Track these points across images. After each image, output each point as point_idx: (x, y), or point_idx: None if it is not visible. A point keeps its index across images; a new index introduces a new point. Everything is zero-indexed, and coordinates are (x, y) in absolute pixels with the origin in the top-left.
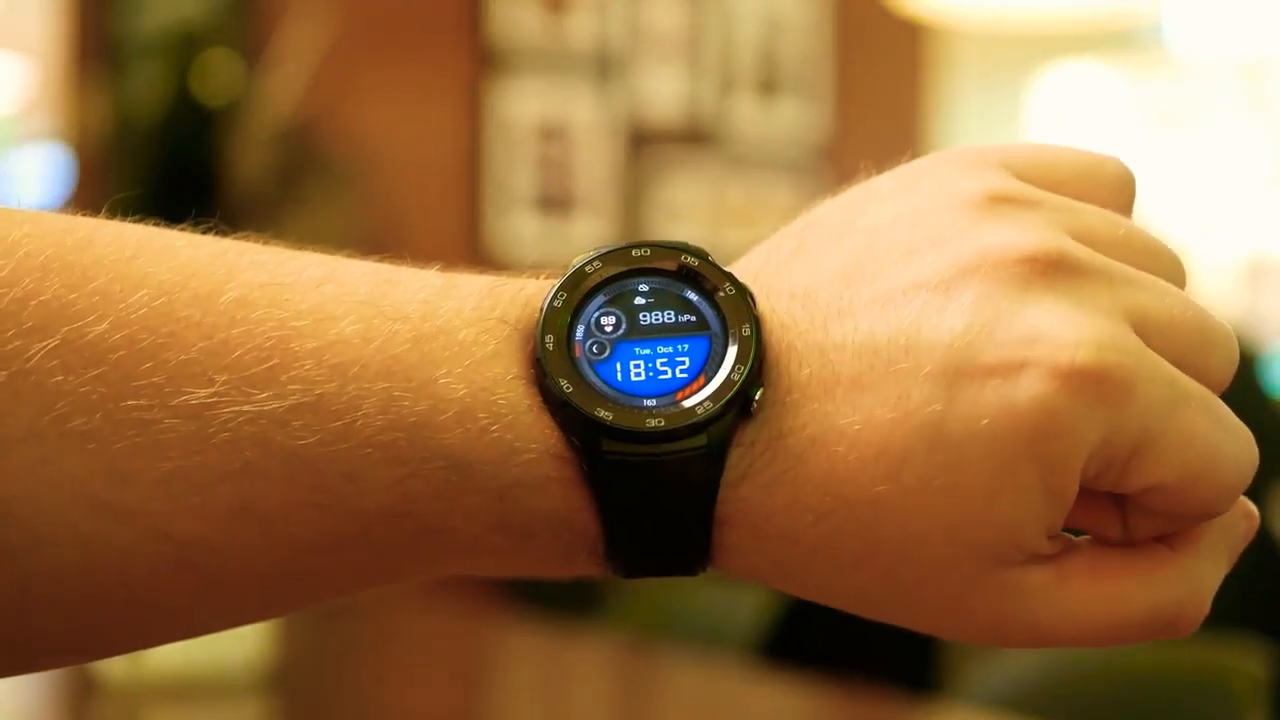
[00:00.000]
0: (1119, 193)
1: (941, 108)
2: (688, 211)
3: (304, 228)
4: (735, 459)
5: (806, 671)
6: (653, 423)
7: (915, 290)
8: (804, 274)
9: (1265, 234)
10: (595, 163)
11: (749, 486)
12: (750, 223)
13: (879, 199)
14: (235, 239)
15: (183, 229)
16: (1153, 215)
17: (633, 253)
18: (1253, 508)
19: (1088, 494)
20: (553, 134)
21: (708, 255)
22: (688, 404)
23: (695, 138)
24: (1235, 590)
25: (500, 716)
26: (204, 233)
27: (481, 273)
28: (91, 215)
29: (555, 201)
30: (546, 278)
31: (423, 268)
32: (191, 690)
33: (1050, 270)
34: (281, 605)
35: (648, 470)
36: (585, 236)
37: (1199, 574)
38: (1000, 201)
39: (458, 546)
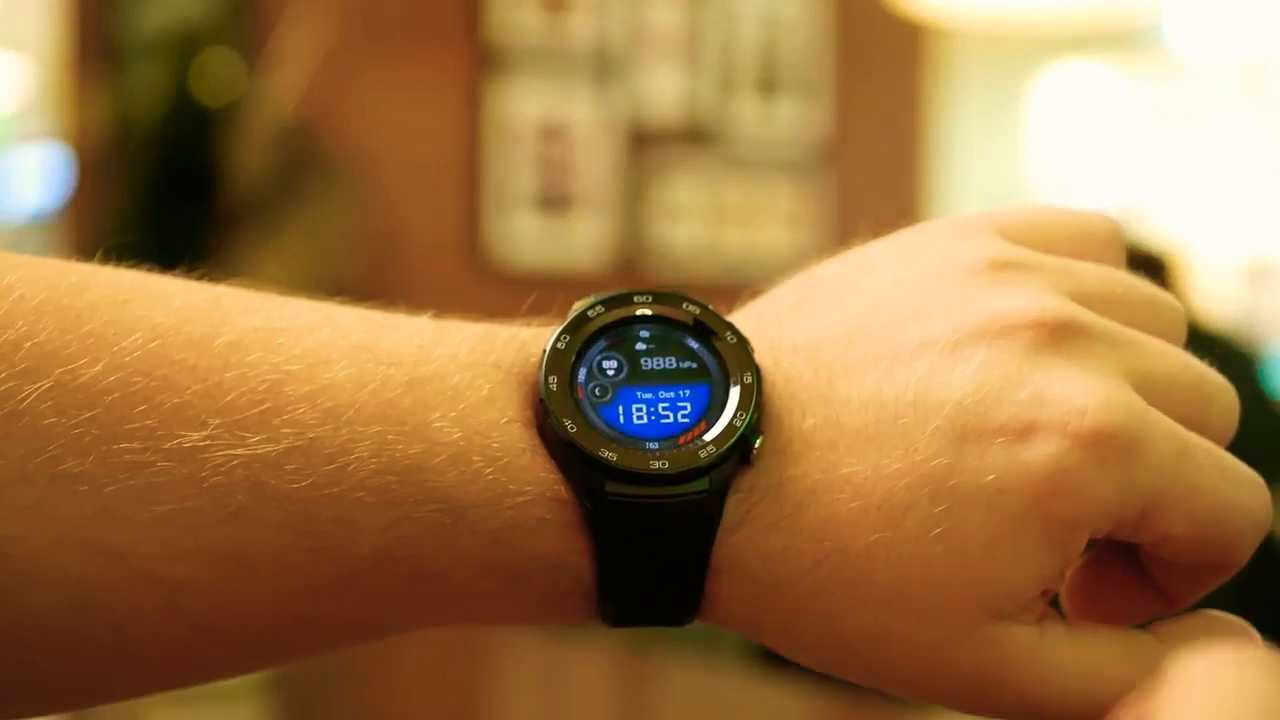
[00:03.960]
0: (1109, 246)
1: (942, 108)
2: (688, 211)
3: (304, 227)
4: (733, 505)
5: (806, 673)
6: (656, 465)
7: (923, 350)
8: (805, 330)
9: (1265, 234)
10: (595, 163)
11: (745, 532)
12: (750, 223)
13: (879, 263)
14: (229, 285)
15: (177, 275)
16: (1154, 215)
17: (634, 299)
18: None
19: (1113, 566)
20: (553, 134)
21: (708, 305)
22: (691, 448)
23: (695, 138)
24: (1235, 591)
25: (500, 717)
26: (198, 279)
27: (479, 311)
28: (85, 259)
29: (555, 201)
30: (541, 325)
31: (416, 314)
32: (190, 691)
33: (1056, 335)
34: (274, 655)
35: (650, 513)
36: (585, 236)
37: None
38: (1002, 267)
39: (450, 592)
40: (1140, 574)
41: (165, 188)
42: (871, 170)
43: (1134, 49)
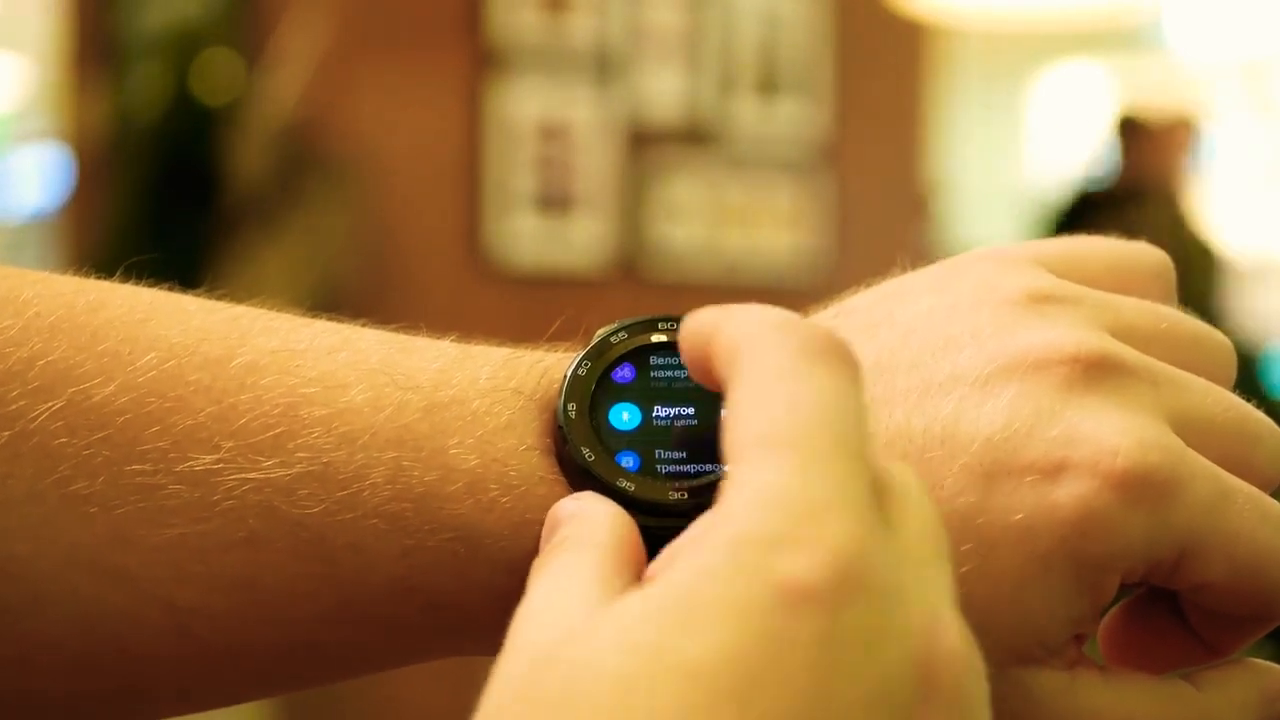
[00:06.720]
0: (1156, 280)
1: (942, 108)
2: (688, 211)
3: (304, 227)
4: None
5: None
6: (675, 495)
7: (953, 384)
8: None
9: (1265, 234)
10: (595, 163)
11: None
12: (750, 223)
13: (914, 293)
14: (249, 305)
15: (197, 294)
16: None
17: (658, 325)
18: None
19: (1154, 613)
20: (553, 134)
21: None
22: (711, 478)
23: (695, 138)
24: None
25: None
26: (218, 298)
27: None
28: (105, 279)
29: (555, 201)
30: (565, 351)
31: (438, 338)
32: None
33: (1092, 371)
34: (287, 682)
35: (669, 544)
36: (585, 236)
37: (1218, 718)
38: (1040, 300)
39: (467, 623)
40: (1181, 621)
41: (165, 188)
42: (871, 170)
43: (1134, 49)
